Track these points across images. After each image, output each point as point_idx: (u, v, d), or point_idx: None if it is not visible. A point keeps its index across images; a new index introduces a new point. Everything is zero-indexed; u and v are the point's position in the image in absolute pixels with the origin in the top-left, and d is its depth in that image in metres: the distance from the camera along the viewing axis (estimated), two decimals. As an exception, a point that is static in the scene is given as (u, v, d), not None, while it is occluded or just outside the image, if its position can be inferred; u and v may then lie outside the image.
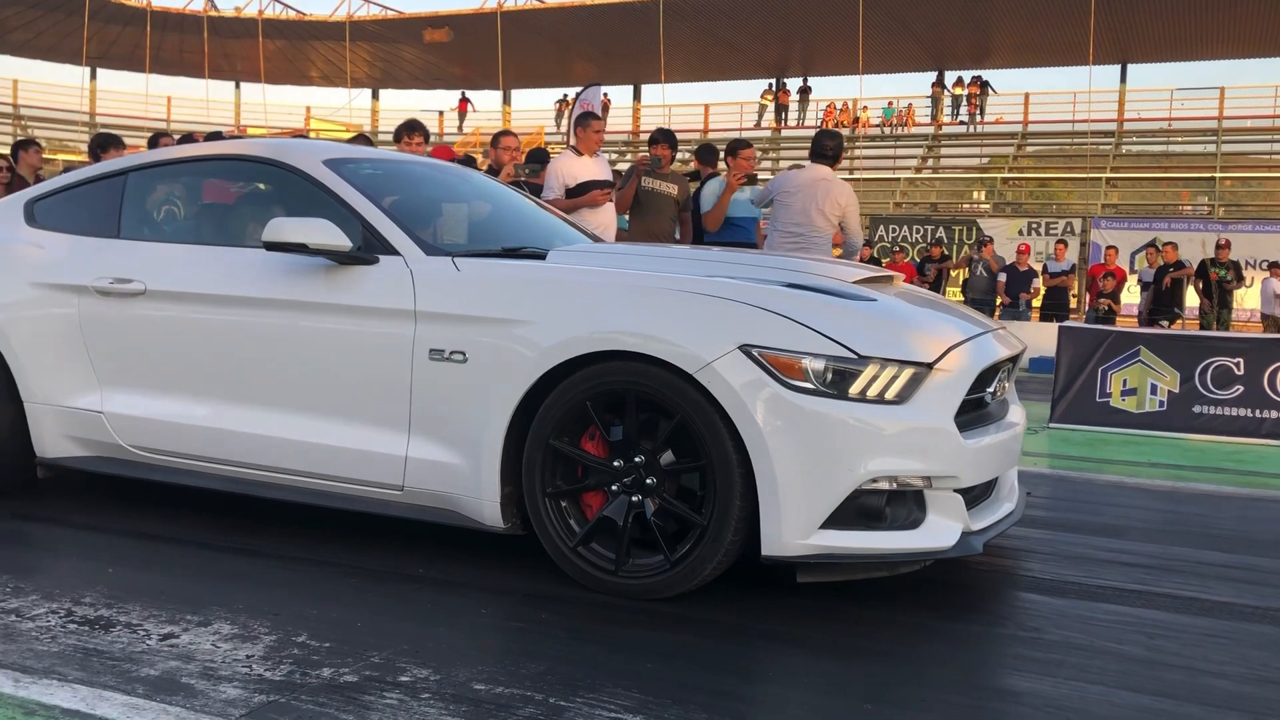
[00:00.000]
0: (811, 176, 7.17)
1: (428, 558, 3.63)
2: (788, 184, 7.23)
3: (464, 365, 3.45)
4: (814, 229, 7.06)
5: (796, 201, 7.07)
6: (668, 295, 3.29)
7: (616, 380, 3.26)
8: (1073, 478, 5.89)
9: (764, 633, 3.07)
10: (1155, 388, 7.56)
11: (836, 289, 3.44)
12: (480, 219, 4.53)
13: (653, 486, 3.25)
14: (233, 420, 3.81)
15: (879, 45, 31.05)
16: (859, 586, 3.38)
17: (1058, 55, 32.57)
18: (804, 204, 7.06)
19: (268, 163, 4.10)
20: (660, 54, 30.97)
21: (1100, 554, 4.04)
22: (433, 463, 3.50)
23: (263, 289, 3.76)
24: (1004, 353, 3.63)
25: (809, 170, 7.28)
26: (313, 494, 3.71)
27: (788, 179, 7.33)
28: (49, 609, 3.02)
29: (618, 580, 3.27)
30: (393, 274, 3.60)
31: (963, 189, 30.96)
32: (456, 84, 40.81)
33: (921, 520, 3.20)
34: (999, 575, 3.72)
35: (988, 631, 3.16)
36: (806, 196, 7.06)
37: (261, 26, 36.78)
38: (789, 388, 3.08)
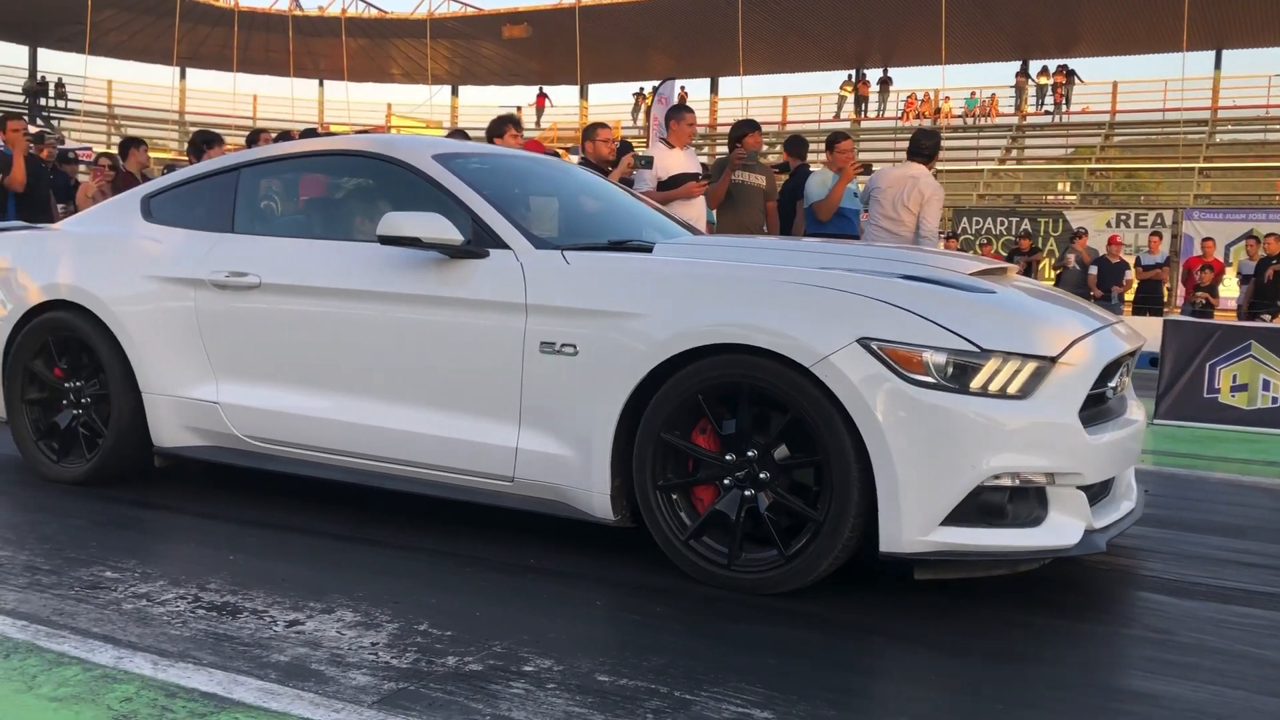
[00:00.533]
0: (903, 174, 7.40)
1: (539, 548, 3.65)
2: (882, 180, 7.49)
3: (575, 358, 3.45)
4: (901, 224, 7.29)
5: (887, 198, 7.33)
6: (782, 288, 3.25)
7: (730, 374, 3.24)
8: (1184, 475, 5.72)
9: (882, 630, 3.02)
10: (1268, 384, 7.30)
11: (954, 281, 3.38)
12: (582, 212, 4.54)
13: (766, 481, 3.22)
14: (346, 411, 3.87)
15: (961, 35, 30.53)
16: (974, 585, 3.32)
17: (1148, 42, 31.72)
18: (893, 199, 7.30)
19: (378, 158, 4.15)
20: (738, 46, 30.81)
21: (1223, 554, 3.92)
22: (543, 454, 3.52)
23: (375, 282, 3.81)
24: (1125, 347, 3.54)
25: (902, 167, 7.53)
26: (425, 484, 3.75)
27: (883, 175, 7.57)
28: (177, 594, 3.10)
29: (730, 574, 3.25)
30: (503, 267, 3.62)
31: (1047, 180, 30.31)
32: (534, 79, 41.07)
33: (1044, 518, 3.13)
34: (1119, 575, 3.63)
35: (1115, 632, 3.08)
36: (895, 193, 7.30)
37: (345, 25, 37.42)
38: (909, 382, 3.03)
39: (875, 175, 7.69)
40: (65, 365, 4.45)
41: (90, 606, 2.97)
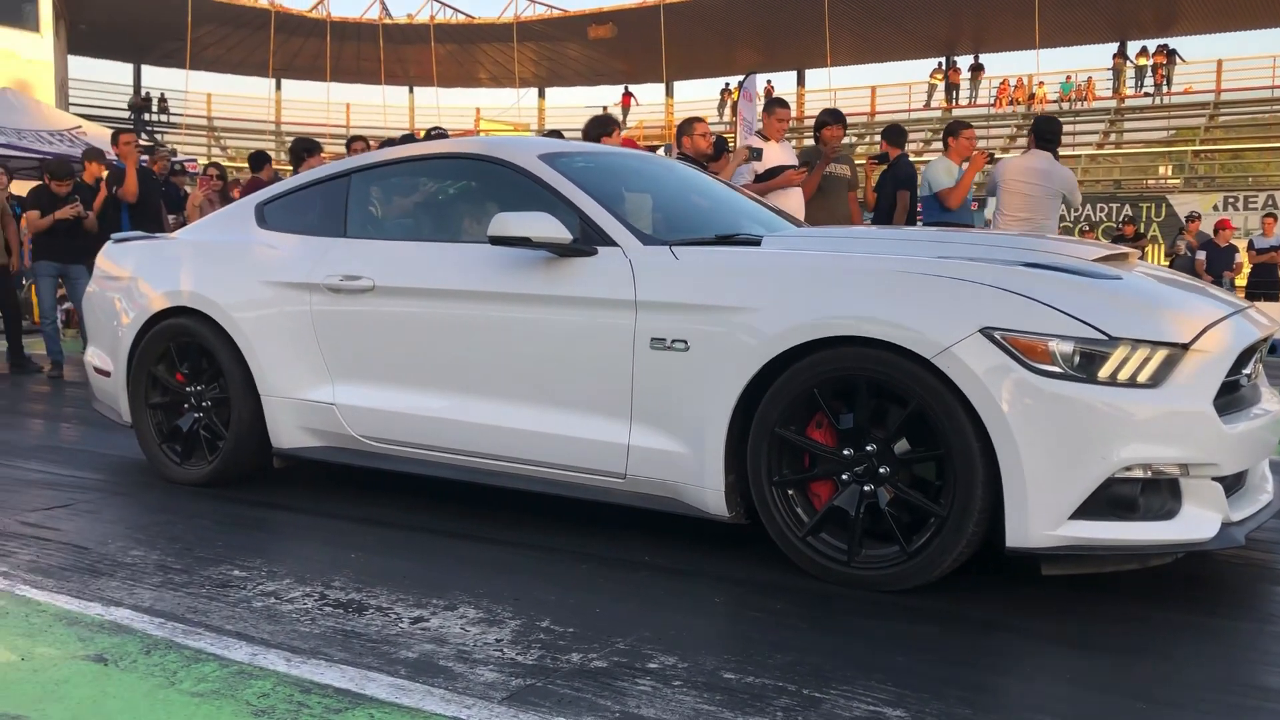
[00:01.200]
0: (1031, 164, 7.52)
1: (652, 545, 3.64)
2: (1009, 171, 7.57)
3: (686, 353, 3.44)
4: (1043, 214, 7.39)
5: (1023, 188, 7.41)
6: (899, 278, 3.20)
7: (846, 367, 3.19)
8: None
9: (1008, 626, 2.95)
10: (1401, 369, 6.96)
11: (1078, 267, 3.28)
12: (689, 208, 4.52)
13: (886, 476, 3.17)
14: (459, 410, 3.92)
15: (1055, 17, 29.80)
16: (1102, 580, 3.22)
17: (1252, 17, 30.58)
18: (1029, 190, 7.40)
19: (486, 159, 4.19)
20: (825, 37, 30.51)
21: (1365, 548, 3.74)
22: (655, 450, 3.51)
23: (486, 282, 3.85)
24: (1258, 334, 3.40)
25: (1029, 157, 7.62)
26: (538, 481, 3.77)
27: (1009, 166, 7.65)
28: (303, 592, 3.16)
29: (850, 571, 3.20)
30: (612, 264, 3.63)
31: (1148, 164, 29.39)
32: (619, 79, 41.21)
33: (1177, 510, 3.02)
34: (1254, 569, 3.49)
35: (1252, 628, 2.96)
36: (1030, 184, 7.41)
37: (433, 31, 38.01)
38: (1035, 371, 2.95)
39: (1001, 166, 7.72)
40: (187, 370, 4.58)
41: (222, 604, 3.05)
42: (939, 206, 8.03)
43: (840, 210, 8.14)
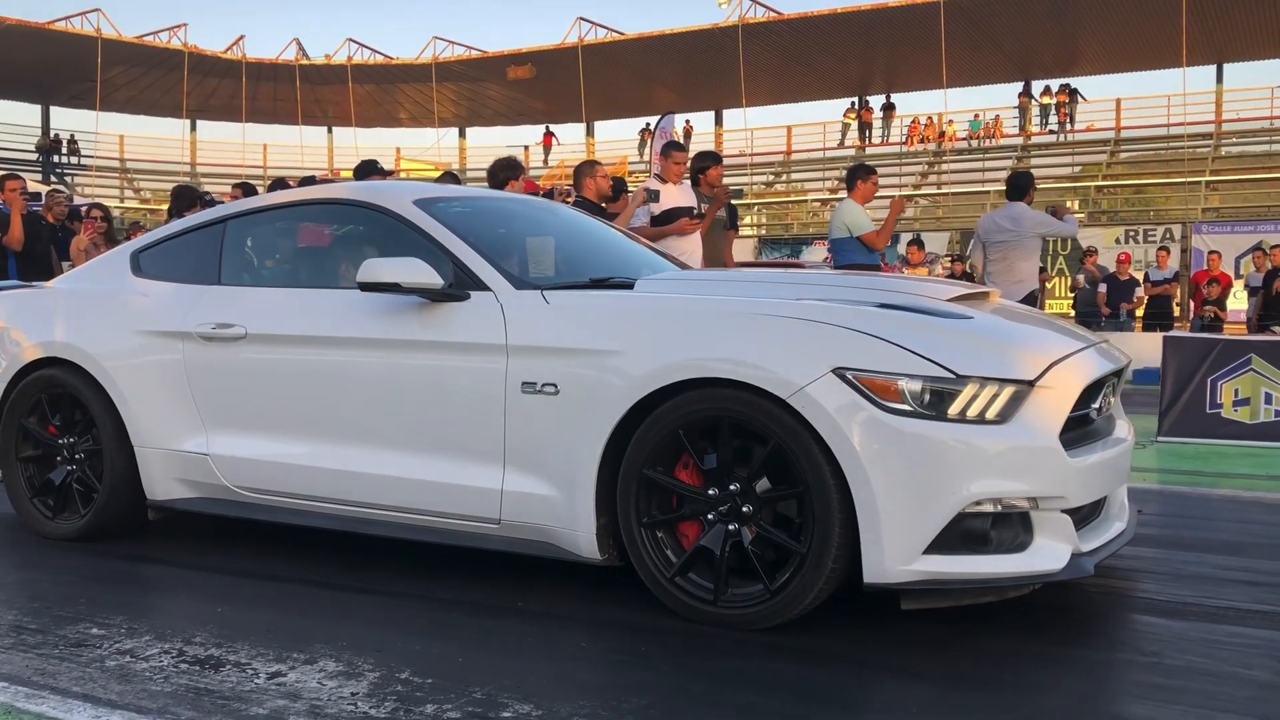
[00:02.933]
0: (998, 215, 8.35)
1: (528, 590, 3.63)
2: (984, 226, 8.44)
3: (556, 397, 3.46)
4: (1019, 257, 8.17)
5: (995, 237, 8.23)
6: (758, 320, 3.26)
7: (709, 407, 3.23)
8: (1186, 493, 5.67)
9: (870, 662, 3.00)
10: (1270, 397, 7.24)
11: (930, 307, 3.37)
12: (569, 251, 4.55)
13: (749, 514, 3.21)
14: (333, 458, 3.88)
15: (962, 58, 30.65)
16: (964, 613, 3.29)
17: (1149, 58, 31.75)
18: (1001, 237, 8.19)
19: (360, 205, 4.19)
20: (741, 78, 31.01)
21: (1220, 573, 3.87)
22: (528, 495, 3.51)
23: (359, 329, 3.83)
24: (1108, 367, 3.52)
25: (999, 209, 8.46)
26: (413, 529, 3.75)
27: (982, 223, 8.54)
28: (162, 649, 3.09)
29: (717, 610, 3.23)
30: (484, 309, 3.64)
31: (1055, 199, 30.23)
32: (540, 118, 41.40)
33: (1029, 543, 3.10)
34: (1113, 598, 3.59)
35: (1106, 657, 3.04)
36: (1001, 231, 8.19)
37: (351, 72, 37.84)
38: (886, 410, 3.02)
39: (984, 224, 8.44)
40: (59, 422, 4.47)
41: (73, 665, 2.97)
42: (855, 249, 8.21)
43: (717, 250, 8.26)
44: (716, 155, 8.44)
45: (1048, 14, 28.89)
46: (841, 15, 30.59)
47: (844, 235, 8.26)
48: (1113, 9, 28.18)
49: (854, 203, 8.35)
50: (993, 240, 8.25)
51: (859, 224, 8.22)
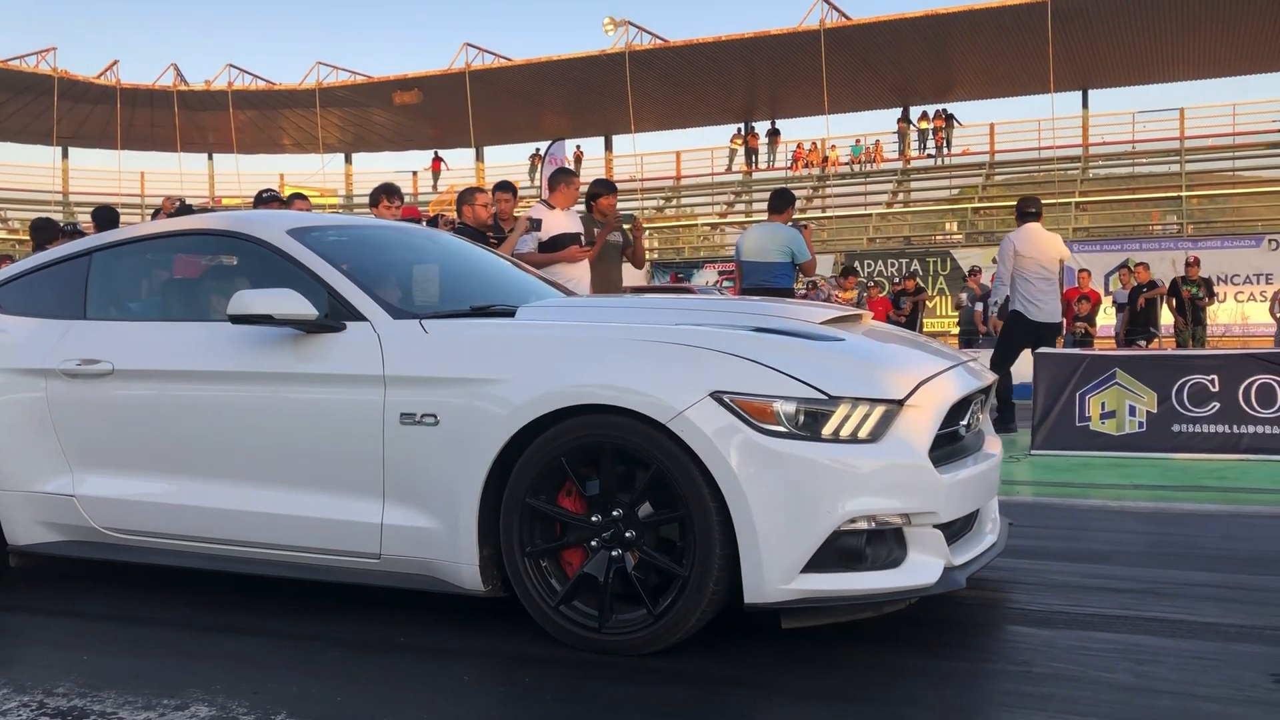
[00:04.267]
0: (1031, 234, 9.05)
1: (411, 625, 3.58)
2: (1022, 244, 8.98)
3: (436, 428, 3.43)
4: (1051, 272, 8.99)
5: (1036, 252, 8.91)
6: (637, 346, 3.28)
7: (590, 434, 3.24)
8: (1057, 504, 5.88)
9: (753, 682, 3.03)
10: (1134, 409, 7.58)
11: (804, 330, 3.45)
12: (450, 279, 4.52)
13: (632, 540, 3.22)
14: (207, 496, 3.77)
15: (843, 84, 31.45)
16: (845, 629, 3.35)
17: (1020, 85, 33.03)
18: (1040, 256, 8.90)
19: (233, 235, 4.10)
20: (629, 104, 31.28)
21: (1087, 581, 4.02)
22: (409, 528, 3.47)
23: (231, 362, 3.75)
24: (975, 385, 3.64)
25: (1027, 230, 9.12)
26: (291, 567, 3.66)
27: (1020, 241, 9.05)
28: (20, 702, 2.96)
29: (601, 637, 3.23)
30: (360, 340, 3.59)
31: (934, 221, 31.23)
32: (428, 144, 41.07)
33: (903, 559, 3.18)
34: (987, 609, 3.70)
35: (978, 668, 3.13)
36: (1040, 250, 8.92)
37: (232, 98, 37.01)
38: (762, 432, 3.07)
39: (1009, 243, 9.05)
40: (-89, 466, 4.25)
41: (-76, 722, 2.82)
42: (789, 274, 8.47)
43: (614, 276, 8.33)
44: (611, 184, 8.49)
45: (924, 42, 29.87)
46: (725, 43, 31.13)
47: (787, 260, 8.39)
48: (985, 37, 29.28)
49: (791, 227, 8.54)
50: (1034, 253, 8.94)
51: (803, 250, 8.47)
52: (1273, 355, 7.67)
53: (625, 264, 8.48)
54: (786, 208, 8.65)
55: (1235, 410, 7.32)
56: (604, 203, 8.14)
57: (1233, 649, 3.19)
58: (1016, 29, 28.16)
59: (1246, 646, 3.22)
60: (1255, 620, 3.47)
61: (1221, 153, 31.39)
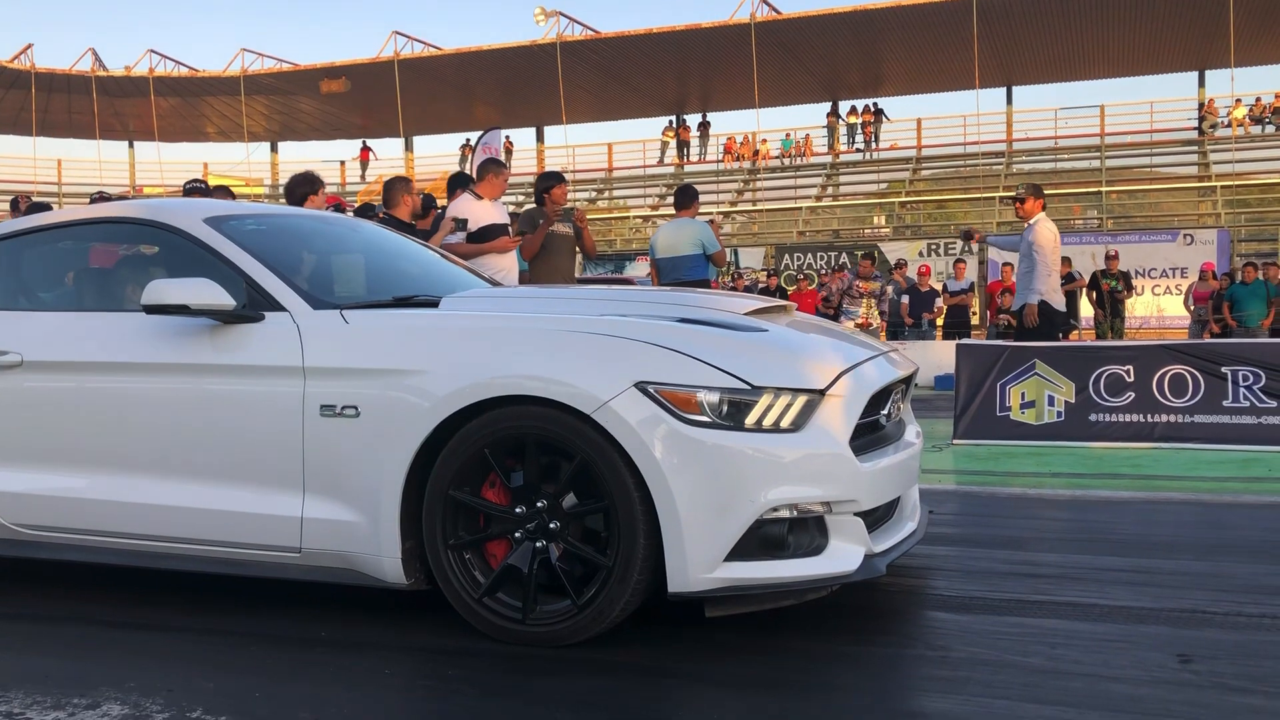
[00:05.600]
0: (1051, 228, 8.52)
1: (331, 620, 3.53)
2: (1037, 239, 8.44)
3: (356, 420, 3.38)
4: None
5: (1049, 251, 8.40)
6: (561, 336, 3.27)
7: (514, 425, 3.23)
8: (978, 492, 6.00)
9: (676, 672, 3.04)
10: (1052, 399, 7.76)
11: (728, 321, 3.46)
12: (373, 269, 4.47)
13: (556, 531, 3.21)
14: (123, 491, 3.68)
15: (773, 79, 31.66)
16: (768, 617, 3.38)
17: (946, 81, 33.56)
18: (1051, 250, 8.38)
19: (148, 224, 4.00)
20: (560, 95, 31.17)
21: (1003, 567, 4.11)
22: (330, 522, 3.42)
23: (146, 353, 3.66)
24: (896, 374, 3.69)
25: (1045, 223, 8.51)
26: (208, 561, 3.59)
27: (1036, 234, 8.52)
28: (-75, 703, 2.87)
29: (525, 629, 3.22)
30: (279, 330, 3.53)
31: (863, 214, 31.60)
32: (357, 133, 40.52)
33: (824, 546, 3.21)
34: (907, 595, 3.76)
35: (897, 653, 3.18)
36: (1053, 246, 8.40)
37: (153, 84, 36.12)
38: (686, 422, 3.08)
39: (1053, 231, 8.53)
40: None
41: None
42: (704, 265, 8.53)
43: (566, 268, 8.32)
44: (560, 175, 8.48)
45: (852, 37, 30.19)
46: (657, 35, 31.15)
47: (699, 252, 8.46)
48: (912, 33, 29.67)
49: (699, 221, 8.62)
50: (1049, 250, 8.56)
51: (713, 241, 8.60)
52: (1185, 346, 7.92)
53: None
54: (692, 202, 8.78)
55: (1149, 400, 7.53)
56: (557, 193, 8.12)
57: (1141, 631, 3.29)
58: (943, 25, 28.60)
59: (1154, 628, 3.31)
60: (1163, 603, 3.57)
61: (1140, 149, 32.20)
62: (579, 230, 8.31)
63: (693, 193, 8.87)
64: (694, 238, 8.51)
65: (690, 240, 8.52)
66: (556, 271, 8.14)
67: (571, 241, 8.40)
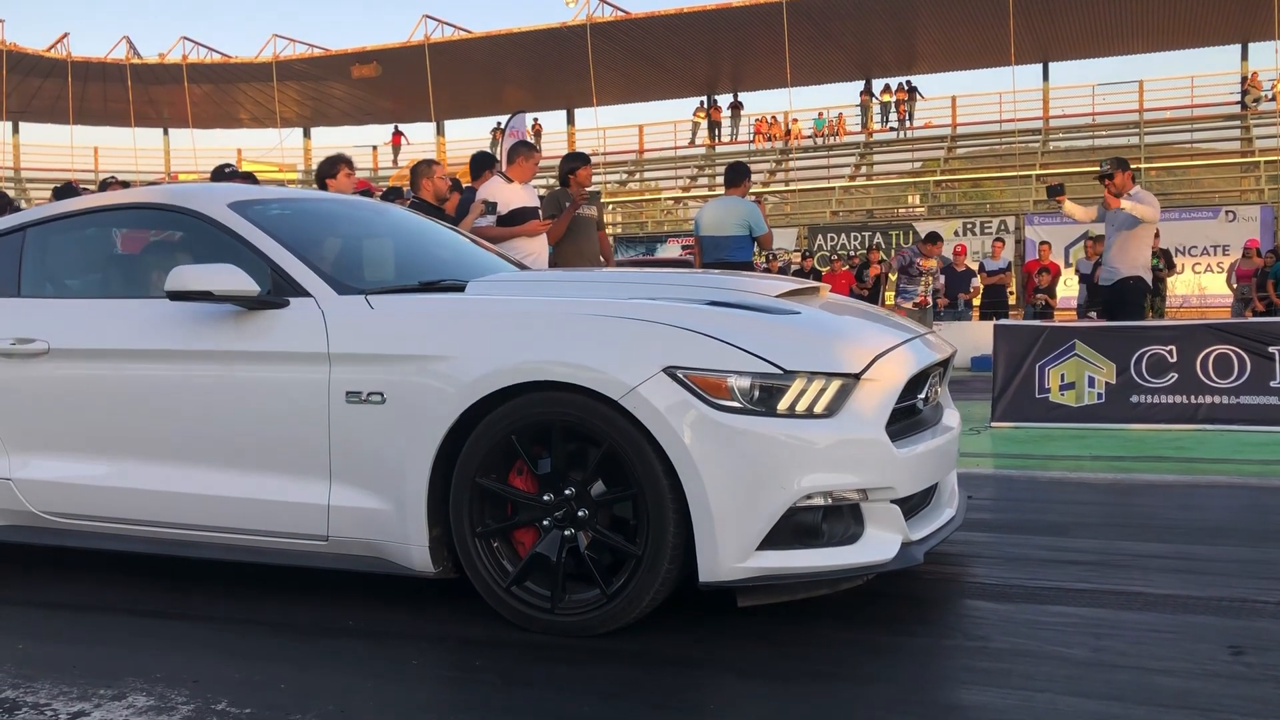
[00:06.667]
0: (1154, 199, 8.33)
1: (359, 608, 3.49)
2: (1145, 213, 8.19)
3: (383, 406, 3.33)
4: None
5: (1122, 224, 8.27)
6: (588, 321, 3.20)
7: (541, 412, 3.16)
8: (1016, 477, 5.88)
9: (707, 662, 2.98)
10: (1093, 380, 7.60)
11: (759, 304, 3.38)
12: (400, 254, 4.41)
13: (585, 519, 3.15)
14: (149, 478, 3.66)
15: (806, 57, 31.35)
16: (801, 606, 3.30)
17: (981, 57, 33.06)
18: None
19: (172, 209, 3.96)
20: (591, 77, 31.03)
21: (1044, 554, 4.01)
22: (357, 509, 3.38)
23: (171, 340, 3.63)
24: (933, 357, 3.59)
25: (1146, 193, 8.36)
26: (236, 550, 3.57)
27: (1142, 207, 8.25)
28: (-48, 693, 2.85)
29: (554, 619, 3.16)
30: (304, 316, 3.49)
31: (897, 194, 31.26)
32: (387, 118, 40.58)
33: (860, 534, 3.13)
34: (944, 584, 3.67)
35: (934, 644, 3.09)
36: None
37: (186, 71, 36.35)
38: (716, 408, 3.00)
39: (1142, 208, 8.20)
40: None
41: None
42: (748, 246, 8.41)
43: (590, 250, 8.25)
44: (585, 156, 8.43)
45: (886, 14, 29.81)
46: (687, 15, 30.91)
47: (745, 233, 8.35)
48: (946, 10, 29.26)
49: (749, 201, 8.49)
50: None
51: (760, 223, 8.45)
52: (1229, 325, 7.73)
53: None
54: (743, 180, 8.62)
55: (1193, 380, 7.36)
56: (583, 174, 8.05)
57: (1189, 621, 3.18)
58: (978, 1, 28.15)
59: (1203, 618, 3.20)
60: (1211, 591, 3.46)
61: (1180, 125, 31.63)
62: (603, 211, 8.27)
63: (744, 170, 8.70)
64: (741, 218, 8.38)
65: (737, 220, 8.39)
66: (581, 255, 8.08)
67: (594, 224, 8.34)
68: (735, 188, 8.60)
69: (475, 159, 8.78)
